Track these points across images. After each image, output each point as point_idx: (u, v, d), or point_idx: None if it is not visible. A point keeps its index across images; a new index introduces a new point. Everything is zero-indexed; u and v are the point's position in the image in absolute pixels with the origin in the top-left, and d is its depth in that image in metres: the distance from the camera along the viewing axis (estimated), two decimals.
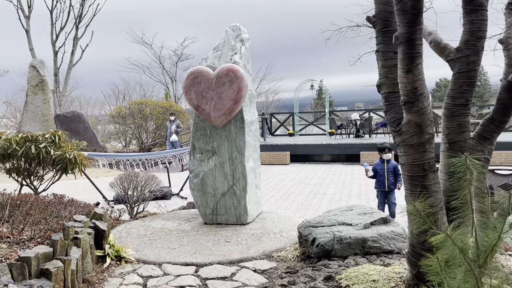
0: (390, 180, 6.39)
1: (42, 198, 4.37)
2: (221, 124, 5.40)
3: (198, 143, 5.61)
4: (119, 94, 29.32)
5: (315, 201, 8.16)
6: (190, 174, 5.66)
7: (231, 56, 5.55)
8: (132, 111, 18.24)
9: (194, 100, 5.31)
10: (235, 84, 5.17)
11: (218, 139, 5.51)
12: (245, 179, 5.43)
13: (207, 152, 5.59)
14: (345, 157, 15.24)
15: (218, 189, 5.54)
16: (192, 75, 5.29)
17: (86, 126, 17.19)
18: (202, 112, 5.34)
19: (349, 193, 8.89)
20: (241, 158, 5.44)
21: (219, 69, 5.24)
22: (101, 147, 17.64)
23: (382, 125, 17.56)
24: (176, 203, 8.37)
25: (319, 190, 9.39)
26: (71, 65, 18.96)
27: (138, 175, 6.50)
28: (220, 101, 5.23)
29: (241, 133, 5.44)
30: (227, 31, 5.86)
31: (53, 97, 17.04)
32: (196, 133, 5.61)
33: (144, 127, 18.38)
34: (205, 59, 5.63)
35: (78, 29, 19.00)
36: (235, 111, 5.29)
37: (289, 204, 7.89)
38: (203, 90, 5.26)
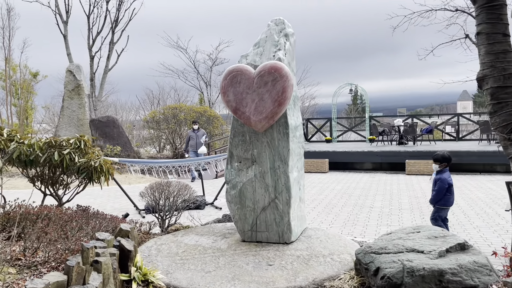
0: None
1: (63, 211, 3.89)
2: (262, 129, 4.77)
3: (236, 150, 5.00)
4: (153, 99, 29.38)
5: (363, 215, 7.38)
6: (227, 185, 5.06)
7: (274, 52, 4.92)
8: (166, 116, 17.97)
9: (232, 102, 4.71)
10: (279, 83, 4.53)
11: (258, 146, 4.88)
12: (289, 191, 4.77)
13: (246, 160, 4.97)
14: (388, 166, 14.31)
15: (258, 202, 4.90)
16: (230, 74, 4.69)
17: (121, 131, 17.05)
18: (241, 116, 4.73)
19: (399, 207, 8.04)
20: (285, 167, 4.79)
21: (261, 67, 4.62)
22: (135, 152, 17.45)
23: (428, 132, 16.46)
24: (211, 214, 7.82)
25: (364, 202, 8.58)
26: (106, 69, 18.96)
27: (170, 184, 5.97)
28: (262, 103, 4.61)
29: (285, 139, 4.79)
30: (269, 25, 5.25)
31: (88, 102, 17.01)
32: (234, 139, 5.00)
33: (178, 132, 18.07)
34: (245, 57, 5.04)
35: (114, 33, 19.00)
36: (278, 115, 4.65)
37: (333, 218, 7.16)
38: (243, 90, 4.65)
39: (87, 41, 18.74)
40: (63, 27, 18.56)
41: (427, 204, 8.17)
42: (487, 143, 15.36)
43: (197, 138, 12.35)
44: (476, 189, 9.99)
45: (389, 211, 7.67)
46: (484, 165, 13.19)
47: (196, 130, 12.54)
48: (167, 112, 18.01)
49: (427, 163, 12.96)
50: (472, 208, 7.70)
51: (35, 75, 23.51)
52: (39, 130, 22.99)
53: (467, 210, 7.56)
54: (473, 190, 9.75)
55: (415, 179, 12.00)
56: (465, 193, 9.36)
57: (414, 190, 9.92)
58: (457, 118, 18.46)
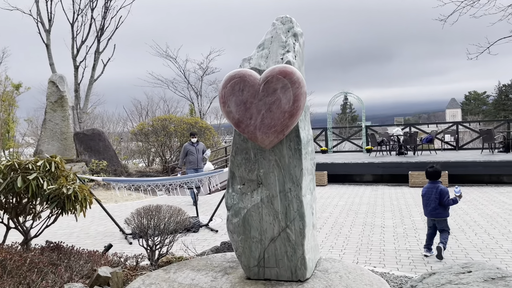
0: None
1: (23, 257, 3.07)
2: (270, 145, 4.01)
3: (239, 171, 4.23)
4: (142, 110, 28.47)
5: (376, 237, 6.63)
6: (228, 212, 4.28)
7: (282, 55, 4.19)
8: (155, 128, 17.14)
9: (234, 114, 3.95)
10: (290, 91, 3.79)
11: (265, 165, 4.12)
12: (303, 219, 4.01)
13: (250, 182, 4.20)
14: (389, 177, 13.64)
15: (266, 232, 4.12)
16: (231, 80, 3.94)
17: (107, 144, 16.16)
18: (245, 130, 3.97)
19: (413, 226, 7.32)
20: (297, 190, 4.03)
21: (268, 72, 3.88)
22: (123, 167, 16.55)
23: (428, 141, 15.88)
24: (206, 238, 7.00)
25: (374, 220, 7.85)
26: (92, 80, 18.10)
27: (160, 209, 5.16)
28: (270, 114, 3.86)
29: (297, 157, 4.04)
30: (274, 24, 4.53)
31: (72, 114, 16.12)
32: (236, 157, 4.24)
33: (168, 145, 17.23)
34: (247, 60, 4.30)
35: (99, 42, 18.19)
36: (289, 128, 3.91)
37: (344, 242, 6.39)
38: (247, 100, 3.90)
39: (71, 51, 17.90)
40: (45, 36, 17.70)
41: None
42: (489, 153, 14.80)
43: (197, 153, 10.44)
44: (489, 202, 9.33)
45: (403, 231, 6.94)
46: (491, 176, 12.59)
47: (196, 144, 10.54)
48: (156, 123, 17.18)
49: None
50: (494, 227, 7.01)
51: (18, 86, 22.53)
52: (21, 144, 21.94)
53: (490, 230, 6.86)
54: (486, 205, 9.09)
55: (420, 192, 11.31)
56: (479, 208, 8.69)
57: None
58: (456, 126, 17.94)
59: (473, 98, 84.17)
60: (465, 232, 6.72)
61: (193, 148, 10.44)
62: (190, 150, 10.44)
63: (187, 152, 10.45)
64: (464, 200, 9.68)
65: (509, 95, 74.89)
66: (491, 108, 76.26)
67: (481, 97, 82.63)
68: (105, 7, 18.07)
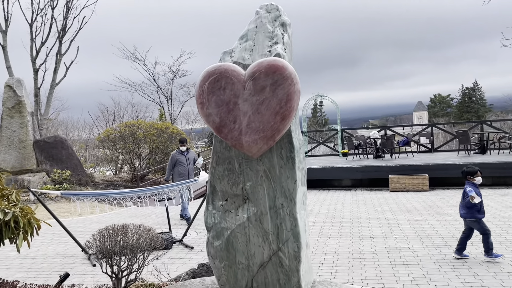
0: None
1: None
2: (258, 153, 3.39)
3: (221, 184, 3.58)
4: (108, 115, 27.22)
5: (367, 249, 6.10)
6: (208, 233, 3.62)
7: (270, 47, 3.58)
8: (122, 134, 16.18)
9: (215, 117, 3.30)
10: (282, 89, 3.18)
11: (252, 177, 3.49)
12: (298, 240, 3.40)
13: (234, 197, 3.56)
14: (368, 182, 13.28)
15: (254, 257, 3.49)
16: (211, 77, 3.29)
17: (70, 153, 15.09)
18: (228, 135, 3.32)
19: (404, 235, 6.85)
20: (290, 206, 3.42)
21: (254, 67, 3.26)
22: (88, 176, 15.51)
23: (405, 144, 15.67)
24: (180, 257, 6.29)
25: (361, 230, 7.34)
26: (54, 84, 16.94)
27: (128, 229, 4.43)
28: (258, 117, 3.23)
29: (290, 166, 3.43)
30: (258, 13, 3.92)
31: (32, 121, 14.97)
32: (217, 168, 3.59)
33: (137, 152, 16.30)
34: (229, 53, 3.66)
35: (61, 44, 17.05)
36: (280, 133, 3.29)
37: (334, 257, 5.83)
38: (230, 100, 3.26)
39: (30, 53, 16.70)
40: (1, 37, 16.45)
41: (434, 229, 7.05)
42: (465, 154, 14.71)
43: (188, 163, 8.90)
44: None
45: (395, 242, 6.45)
46: None
47: (185, 152, 8.94)
48: (123, 129, 16.22)
49: (412, 179, 12.03)
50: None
51: None
52: None
53: None
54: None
55: (402, 196, 10.97)
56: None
57: (409, 212, 8.82)
58: (430, 128, 17.88)
59: (438, 101, 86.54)
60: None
61: (182, 158, 8.87)
62: (179, 160, 8.84)
63: (175, 162, 8.85)
64: (449, 205, 9.36)
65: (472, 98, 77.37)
66: (455, 110, 78.54)
67: (445, 100, 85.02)
68: (67, 6, 16.99)
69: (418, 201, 10.11)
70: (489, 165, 11.90)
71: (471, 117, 69.39)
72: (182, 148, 9.01)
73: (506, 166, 11.69)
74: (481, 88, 77.38)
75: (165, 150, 16.54)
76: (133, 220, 9.55)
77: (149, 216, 9.97)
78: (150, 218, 9.72)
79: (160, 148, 16.44)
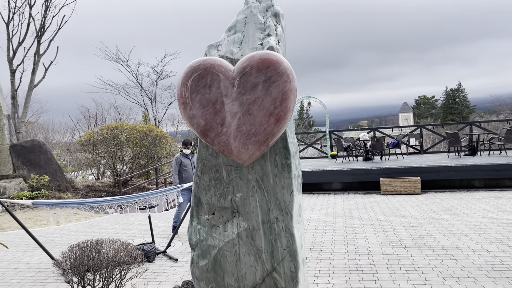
0: None
1: None
2: (249, 160, 2.97)
3: (207, 196, 3.15)
4: (90, 118, 26.45)
5: (364, 260, 5.73)
6: (193, 252, 3.18)
7: (262, 39, 3.17)
8: (104, 138, 15.58)
9: (199, 119, 2.88)
10: (277, 86, 2.77)
11: (243, 188, 3.07)
12: (294, 258, 2.99)
13: (222, 211, 3.13)
14: (359, 185, 12.96)
15: (245, 278, 3.06)
16: (194, 73, 2.87)
17: (49, 157, 14.44)
18: (214, 140, 2.90)
19: (401, 243, 6.50)
20: (287, 220, 3.01)
21: (245, 61, 2.85)
22: (68, 181, 14.88)
23: (395, 146, 15.41)
24: (164, 270, 5.82)
25: (356, 238, 6.97)
26: (32, 86, 16.24)
27: (102, 245, 3.96)
28: (249, 118, 2.82)
29: (285, 175, 3.02)
30: (248, 2, 3.51)
31: (8, 124, 14.29)
32: (202, 178, 3.16)
33: (120, 156, 15.72)
34: (215, 47, 3.24)
35: (40, 44, 16.37)
36: (275, 136, 2.88)
37: (329, 269, 5.43)
38: (217, 99, 2.84)
39: (7, 53, 15.98)
40: None
41: (432, 236, 6.71)
42: (456, 156, 14.52)
43: (193, 167, 8.03)
44: (470, 211, 8.76)
45: (393, 251, 6.08)
46: (462, 181, 12.18)
47: (190, 155, 8.13)
48: (105, 133, 15.63)
49: (404, 182, 11.74)
50: (489, 242, 6.33)
51: None
52: None
53: (487, 245, 6.16)
54: (469, 213, 8.49)
55: (394, 200, 10.67)
56: (464, 218, 8.06)
57: (403, 216, 8.49)
58: (419, 130, 17.70)
59: (422, 102, 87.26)
60: (461, 250, 5.96)
61: (187, 161, 8.05)
62: (183, 164, 8.02)
63: (180, 165, 8.03)
64: (444, 209, 9.07)
65: (456, 99, 78.22)
66: (440, 111, 79.29)
67: (430, 101, 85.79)
68: (45, 5, 16.32)
69: (411, 205, 9.81)
70: (481, 167, 11.70)
71: (455, 118, 70.14)
72: (186, 151, 8.13)
73: (499, 168, 11.49)
74: (465, 89, 78.45)
75: (149, 153, 16.00)
76: (114, 228, 9.03)
77: (131, 224, 9.46)
78: (132, 226, 9.22)
79: (143, 151, 15.89)
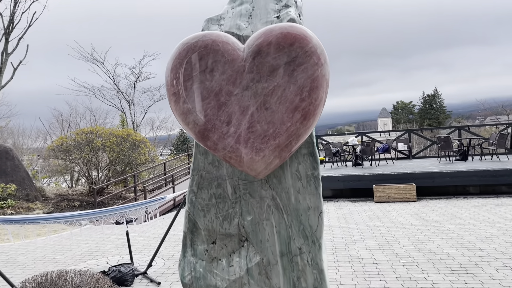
0: None
1: None
2: (264, 172, 2.20)
3: (205, 219, 2.37)
4: (63, 122, 25.13)
5: (375, 281, 5.03)
6: None
7: (278, 11, 2.42)
8: (78, 143, 14.52)
9: (197, 115, 2.10)
10: (304, 70, 2.02)
11: (254, 208, 2.30)
12: None
13: (226, 239, 2.35)
14: (350, 192, 12.34)
15: None
16: (191, 52, 2.09)
17: (16, 164, 13.31)
18: (217, 144, 2.12)
19: (411, 258, 5.82)
20: (314, 251, 2.26)
21: (259, 36, 2.09)
22: (38, 190, 13.75)
23: (384, 151, 14.89)
24: None
25: (360, 253, 6.27)
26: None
27: (66, 278, 3.11)
28: (266, 114, 2.06)
29: (312, 191, 2.28)
30: None
31: None
32: (199, 194, 2.38)
33: (95, 162, 14.68)
34: (216, 20, 2.47)
35: (8, 42, 15.22)
36: (301, 139, 2.13)
37: None
38: (221, 87, 2.07)
39: None
40: None
41: (444, 251, 6.05)
42: (447, 161, 14.09)
43: None
44: (474, 220, 8.19)
45: (405, 270, 5.40)
46: (457, 187, 11.69)
47: None
48: (79, 137, 14.57)
49: (399, 188, 11.16)
50: (509, 257, 5.71)
51: None
52: None
53: (508, 262, 5.54)
54: (474, 223, 7.92)
55: (390, 208, 10.06)
56: (471, 229, 7.48)
57: (405, 228, 7.86)
58: (408, 134, 17.27)
59: (400, 107, 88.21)
60: (482, 267, 5.32)
61: None
62: None
63: None
64: (445, 218, 8.49)
65: (432, 105, 79.37)
66: (417, 117, 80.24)
67: (408, 107, 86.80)
68: (14, 0, 15.22)
69: (409, 213, 9.20)
70: (477, 173, 11.23)
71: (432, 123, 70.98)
72: None
73: (496, 173, 11.04)
74: (441, 95, 79.69)
75: (126, 159, 15.02)
76: (87, 244, 8.08)
77: (107, 238, 8.52)
78: (108, 241, 8.29)
79: (121, 157, 14.90)
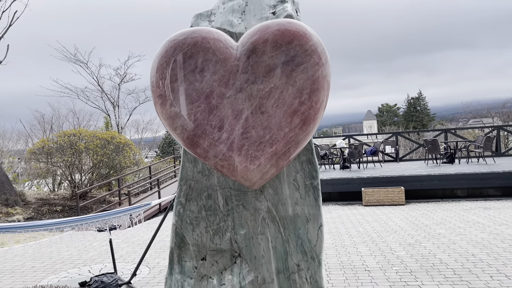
0: None
1: None
2: (260, 183, 2.01)
3: (194, 233, 2.16)
4: (45, 124, 24.55)
5: None
6: None
7: (274, 6, 2.23)
8: (61, 145, 14.12)
9: (185, 120, 1.90)
10: (304, 70, 1.85)
11: (248, 221, 2.11)
12: None
13: (217, 255, 2.15)
14: (338, 195, 12.24)
15: None
16: (179, 50, 1.89)
17: None
18: (208, 151, 1.92)
19: (404, 265, 5.70)
20: (313, 268, 2.08)
21: (254, 33, 1.90)
22: (18, 194, 13.31)
23: (372, 153, 14.85)
24: None
25: (351, 259, 6.13)
26: None
27: None
28: (262, 119, 1.87)
29: (311, 202, 2.10)
30: None
31: None
32: (187, 206, 2.17)
33: (78, 165, 14.29)
34: (205, 16, 2.28)
35: None
36: (300, 146, 1.95)
37: None
38: (212, 89, 1.88)
39: None
40: None
41: (436, 257, 5.95)
42: (434, 164, 14.12)
43: None
44: (464, 224, 8.14)
45: (399, 277, 5.26)
46: (445, 190, 11.68)
47: None
48: (61, 140, 14.17)
49: (387, 192, 11.10)
50: (502, 263, 5.63)
51: None
52: None
53: (501, 268, 5.45)
54: (464, 227, 7.86)
55: (379, 212, 9.97)
56: (461, 234, 7.42)
57: (395, 232, 7.76)
58: (395, 137, 17.28)
59: (385, 110, 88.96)
60: (476, 274, 5.21)
61: None
62: None
63: None
64: (435, 222, 8.42)
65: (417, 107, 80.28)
66: (401, 119, 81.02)
67: (392, 109, 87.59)
68: None
69: (399, 217, 9.12)
70: (465, 176, 11.24)
71: (416, 126, 71.77)
72: None
73: (484, 176, 11.06)
74: (425, 98, 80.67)
75: (110, 162, 14.66)
76: (68, 251, 7.78)
77: (89, 245, 8.22)
78: (90, 248, 7.99)
79: (105, 160, 14.53)
